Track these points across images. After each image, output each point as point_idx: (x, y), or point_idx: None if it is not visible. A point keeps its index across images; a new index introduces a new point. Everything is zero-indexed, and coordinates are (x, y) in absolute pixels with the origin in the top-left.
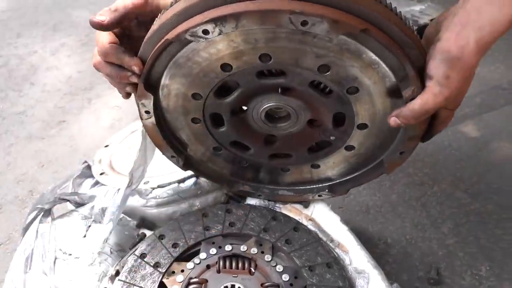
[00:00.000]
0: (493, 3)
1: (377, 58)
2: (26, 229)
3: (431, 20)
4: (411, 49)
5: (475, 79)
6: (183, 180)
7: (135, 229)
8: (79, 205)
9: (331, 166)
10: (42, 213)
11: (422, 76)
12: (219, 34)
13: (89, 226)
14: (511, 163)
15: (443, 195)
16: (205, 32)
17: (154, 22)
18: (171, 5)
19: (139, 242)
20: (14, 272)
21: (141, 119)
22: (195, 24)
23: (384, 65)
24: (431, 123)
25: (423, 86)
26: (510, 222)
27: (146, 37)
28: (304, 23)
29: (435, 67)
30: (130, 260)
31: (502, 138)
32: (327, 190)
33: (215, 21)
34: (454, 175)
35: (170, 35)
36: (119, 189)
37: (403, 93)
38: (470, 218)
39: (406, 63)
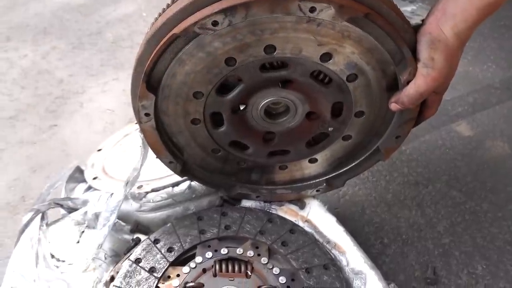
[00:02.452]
0: None
1: (376, 43)
2: (22, 231)
3: (422, 20)
4: (406, 33)
5: (467, 79)
6: (177, 184)
7: (130, 234)
8: (72, 210)
9: (328, 158)
10: (38, 215)
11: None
12: (229, 25)
13: (83, 231)
14: (505, 162)
15: (438, 194)
16: (215, 23)
17: (155, 19)
18: (173, 2)
19: (133, 247)
20: (24, 267)
21: (140, 122)
22: (205, 15)
23: (382, 50)
24: (420, 109)
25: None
26: (505, 220)
27: (146, 36)
28: (312, 10)
29: (421, 50)
30: (125, 265)
31: (495, 136)
32: (324, 184)
33: (225, 11)
34: (449, 174)
35: (177, 29)
36: (112, 193)
37: (400, 76)
38: (466, 217)
39: (404, 46)
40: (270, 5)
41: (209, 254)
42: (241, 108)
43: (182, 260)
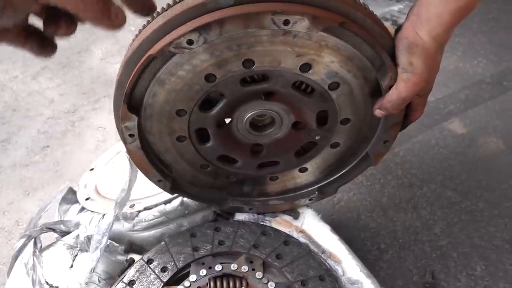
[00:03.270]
0: None
1: (354, 51)
2: (15, 257)
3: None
4: (384, 39)
5: (458, 75)
6: (169, 201)
7: (123, 255)
8: (64, 233)
9: (319, 167)
10: (31, 240)
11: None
12: (204, 43)
13: (76, 255)
14: (499, 158)
15: (433, 195)
16: (190, 42)
17: (132, 41)
18: (149, 22)
19: (127, 268)
20: None
21: (125, 143)
22: (179, 35)
23: (361, 57)
24: (406, 112)
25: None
26: (502, 218)
27: (124, 58)
28: (286, 22)
29: (399, 55)
30: None
31: (488, 133)
32: (317, 193)
33: (200, 29)
34: (443, 174)
35: (153, 50)
36: (104, 215)
37: (381, 82)
38: (462, 217)
39: (382, 52)
40: (244, 21)
41: (203, 272)
42: (226, 122)
43: (176, 279)
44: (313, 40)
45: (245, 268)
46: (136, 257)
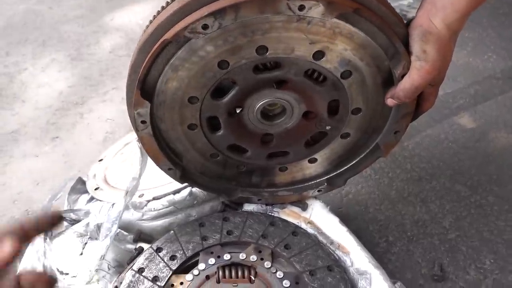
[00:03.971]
0: None
1: (368, 38)
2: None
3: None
4: (398, 27)
5: (468, 70)
6: (178, 191)
7: (132, 244)
8: (74, 221)
9: (328, 157)
10: None
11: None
12: (219, 27)
13: (85, 243)
14: (510, 153)
15: (442, 189)
16: (205, 27)
17: (146, 27)
18: (163, 8)
19: (136, 256)
20: None
21: (137, 130)
22: (194, 19)
23: (375, 45)
24: (418, 102)
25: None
26: None
27: (138, 43)
28: (301, 8)
29: (413, 43)
30: (128, 275)
31: (499, 128)
32: (326, 184)
33: (215, 14)
34: (453, 169)
35: (168, 34)
36: (113, 204)
37: (394, 71)
38: (471, 211)
39: (396, 39)
40: (259, 5)
41: (212, 261)
42: (237, 111)
43: (185, 267)
44: (327, 27)
45: (253, 257)
46: (145, 246)
